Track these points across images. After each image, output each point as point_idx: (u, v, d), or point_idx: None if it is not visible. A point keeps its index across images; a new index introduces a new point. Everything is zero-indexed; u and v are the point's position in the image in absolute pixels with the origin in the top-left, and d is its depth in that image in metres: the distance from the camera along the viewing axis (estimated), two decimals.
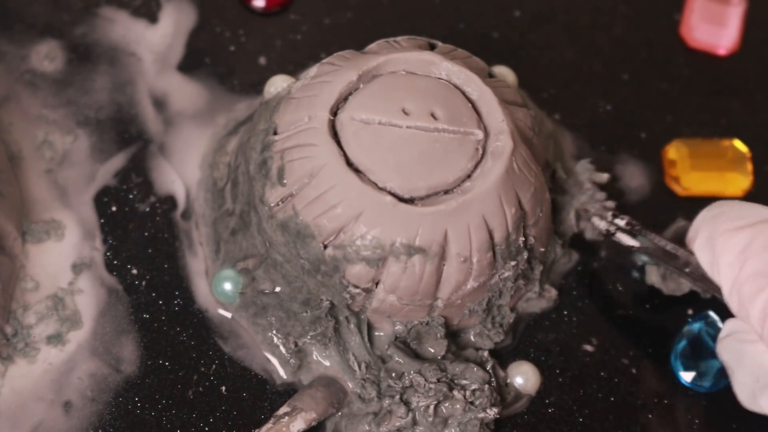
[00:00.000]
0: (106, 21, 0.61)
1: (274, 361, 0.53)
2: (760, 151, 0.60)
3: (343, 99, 0.51)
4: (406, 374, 0.50)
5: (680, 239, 0.52)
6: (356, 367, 0.52)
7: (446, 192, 0.50)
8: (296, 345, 0.52)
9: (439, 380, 0.50)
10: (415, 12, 0.63)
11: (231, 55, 0.60)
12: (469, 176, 0.50)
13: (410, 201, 0.49)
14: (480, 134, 0.50)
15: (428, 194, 0.49)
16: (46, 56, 0.59)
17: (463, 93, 0.52)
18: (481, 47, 0.61)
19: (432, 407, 0.50)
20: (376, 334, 0.53)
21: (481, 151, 0.50)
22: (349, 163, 0.49)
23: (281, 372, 0.53)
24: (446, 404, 0.50)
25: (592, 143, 0.60)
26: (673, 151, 0.59)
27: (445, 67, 0.52)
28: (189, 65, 0.60)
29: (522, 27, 0.63)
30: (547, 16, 0.63)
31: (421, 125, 0.50)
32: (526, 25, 0.63)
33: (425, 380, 0.50)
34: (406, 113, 0.50)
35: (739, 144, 0.60)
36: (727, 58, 0.63)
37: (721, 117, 0.61)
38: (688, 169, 0.59)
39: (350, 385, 0.52)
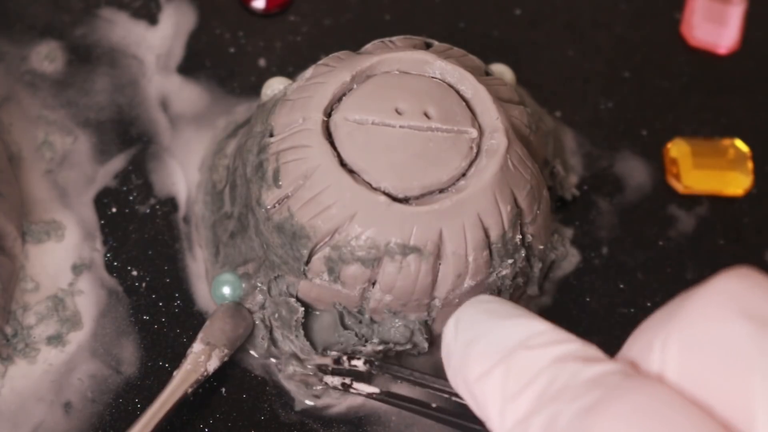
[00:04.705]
0: (106, 22, 0.61)
1: (274, 362, 0.53)
2: (760, 150, 0.60)
3: (337, 100, 0.51)
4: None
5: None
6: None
7: (441, 191, 0.50)
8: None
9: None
10: (415, 12, 0.63)
11: (231, 57, 0.61)
12: (463, 175, 0.50)
13: (404, 201, 0.49)
14: (474, 132, 0.50)
15: (422, 193, 0.49)
16: (46, 57, 0.59)
17: (458, 92, 0.51)
18: (481, 46, 0.61)
19: None
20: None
21: (475, 150, 0.50)
22: (343, 164, 0.49)
23: (281, 372, 0.53)
24: None
25: (593, 140, 0.60)
26: (675, 149, 0.59)
27: (439, 66, 0.52)
28: (189, 67, 0.60)
29: (523, 25, 0.63)
30: (548, 14, 0.63)
31: (414, 125, 0.50)
32: (527, 24, 0.63)
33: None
34: (399, 113, 0.50)
35: (740, 143, 0.60)
36: (727, 57, 0.63)
37: (722, 116, 0.61)
38: (689, 167, 0.59)
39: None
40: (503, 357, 0.38)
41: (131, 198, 0.57)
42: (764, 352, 0.34)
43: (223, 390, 0.53)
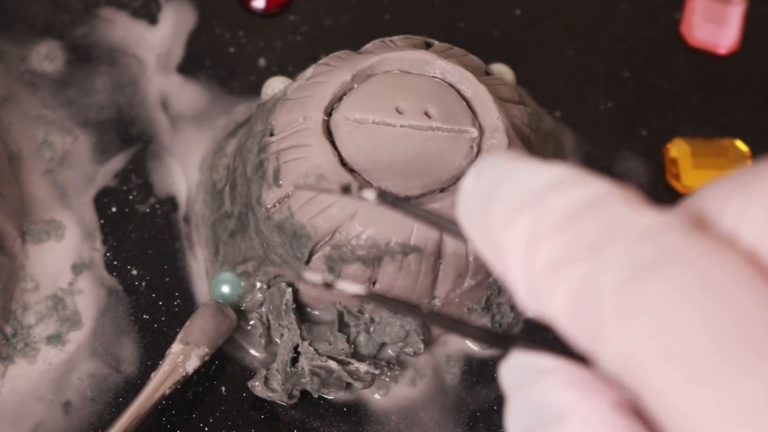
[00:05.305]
0: (106, 22, 0.61)
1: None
2: (760, 150, 0.60)
3: (338, 99, 0.51)
4: None
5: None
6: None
7: (441, 190, 0.50)
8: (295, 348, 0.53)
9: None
10: (415, 12, 0.63)
11: (231, 57, 0.61)
12: (464, 174, 0.50)
13: (405, 200, 0.49)
14: (474, 132, 0.50)
15: (423, 193, 0.49)
16: (46, 57, 0.59)
17: (458, 91, 0.52)
18: (481, 46, 0.61)
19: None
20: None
21: (476, 149, 0.50)
22: (344, 163, 0.49)
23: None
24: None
25: (593, 140, 0.60)
26: (675, 149, 0.59)
27: (440, 66, 0.52)
28: (189, 67, 0.60)
29: (522, 25, 0.63)
30: (548, 14, 0.63)
31: (415, 124, 0.50)
32: (527, 24, 0.63)
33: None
34: (399, 112, 0.50)
35: (740, 143, 0.60)
36: (727, 57, 0.63)
37: (722, 116, 0.61)
38: (689, 167, 0.59)
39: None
40: (531, 197, 0.33)
41: (131, 197, 0.57)
42: None
43: (223, 389, 0.53)
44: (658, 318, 0.28)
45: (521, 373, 0.34)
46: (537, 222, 0.32)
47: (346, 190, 0.42)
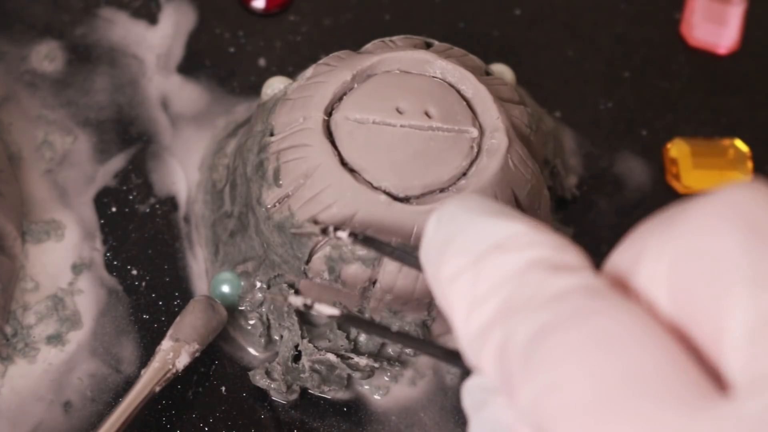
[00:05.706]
0: (106, 22, 0.61)
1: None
2: (760, 150, 0.60)
3: (338, 99, 0.51)
4: None
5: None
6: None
7: (441, 190, 0.50)
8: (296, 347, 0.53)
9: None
10: (415, 12, 0.63)
11: (231, 57, 0.61)
12: (464, 174, 0.50)
13: (405, 200, 0.49)
14: (475, 132, 0.50)
15: (423, 193, 0.49)
16: (46, 57, 0.59)
17: (458, 91, 0.52)
18: (481, 46, 0.61)
19: None
20: None
21: (476, 149, 0.50)
22: (344, 163, 0.49)
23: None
24: None
25: (593, 140, 0.60)
26: (675, 149, 0.59)
27: (440, 66, 0.52)
28: (189, 67, 0.60)
29: (522, 25, 0.63)
30: (548, 14, 0.63)
31: (415, 124, 0.50)
32: (527, 24, 0.63)
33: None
34: (400, 112, 0.50)
35: (740, 143, 0.60)
36: (727, 57, 0.63)
37: (722, 116, 0.61)
38: (689, 167, 0.59)
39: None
40: (475, 257, 0.34)
41: (131, 197, 0.57)
42: (753, 262, 0.29)
43: (223, 389, 0.53)
44: (552, 375, 0.30)
45: (478, 394, 0.35)
46: (475, 284, 0.34)
47: (324, 231, 0.47)
